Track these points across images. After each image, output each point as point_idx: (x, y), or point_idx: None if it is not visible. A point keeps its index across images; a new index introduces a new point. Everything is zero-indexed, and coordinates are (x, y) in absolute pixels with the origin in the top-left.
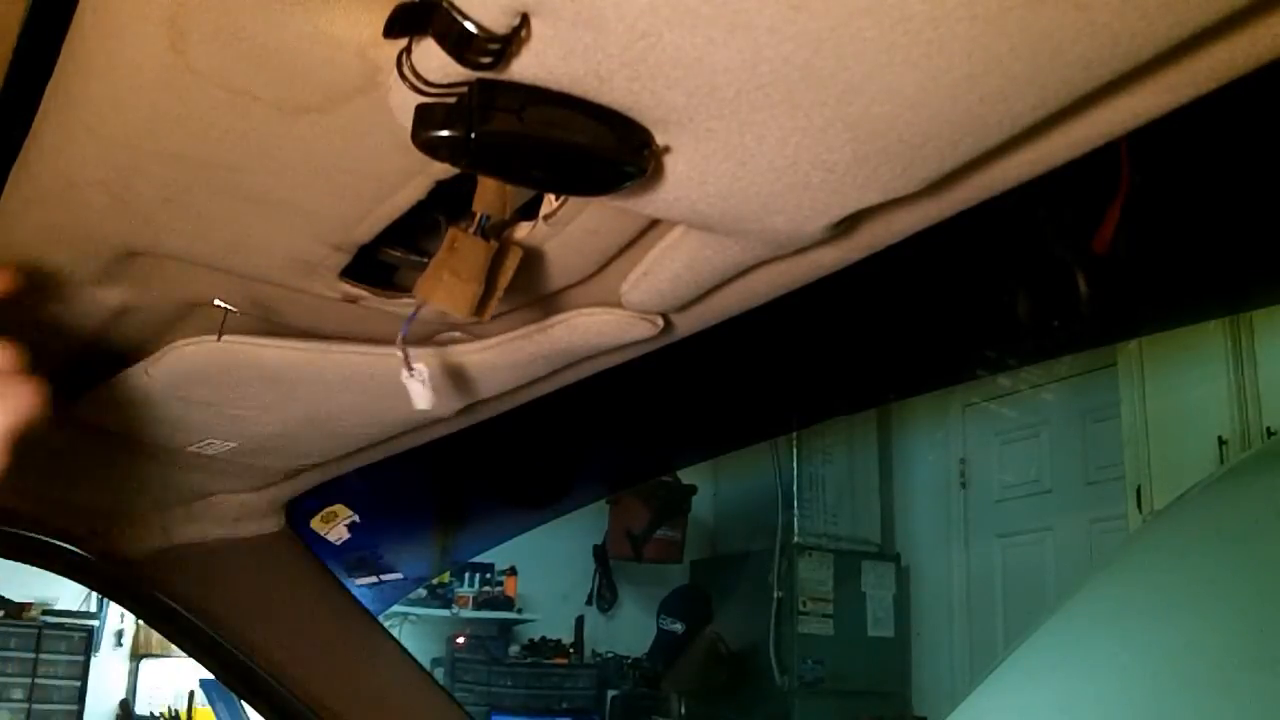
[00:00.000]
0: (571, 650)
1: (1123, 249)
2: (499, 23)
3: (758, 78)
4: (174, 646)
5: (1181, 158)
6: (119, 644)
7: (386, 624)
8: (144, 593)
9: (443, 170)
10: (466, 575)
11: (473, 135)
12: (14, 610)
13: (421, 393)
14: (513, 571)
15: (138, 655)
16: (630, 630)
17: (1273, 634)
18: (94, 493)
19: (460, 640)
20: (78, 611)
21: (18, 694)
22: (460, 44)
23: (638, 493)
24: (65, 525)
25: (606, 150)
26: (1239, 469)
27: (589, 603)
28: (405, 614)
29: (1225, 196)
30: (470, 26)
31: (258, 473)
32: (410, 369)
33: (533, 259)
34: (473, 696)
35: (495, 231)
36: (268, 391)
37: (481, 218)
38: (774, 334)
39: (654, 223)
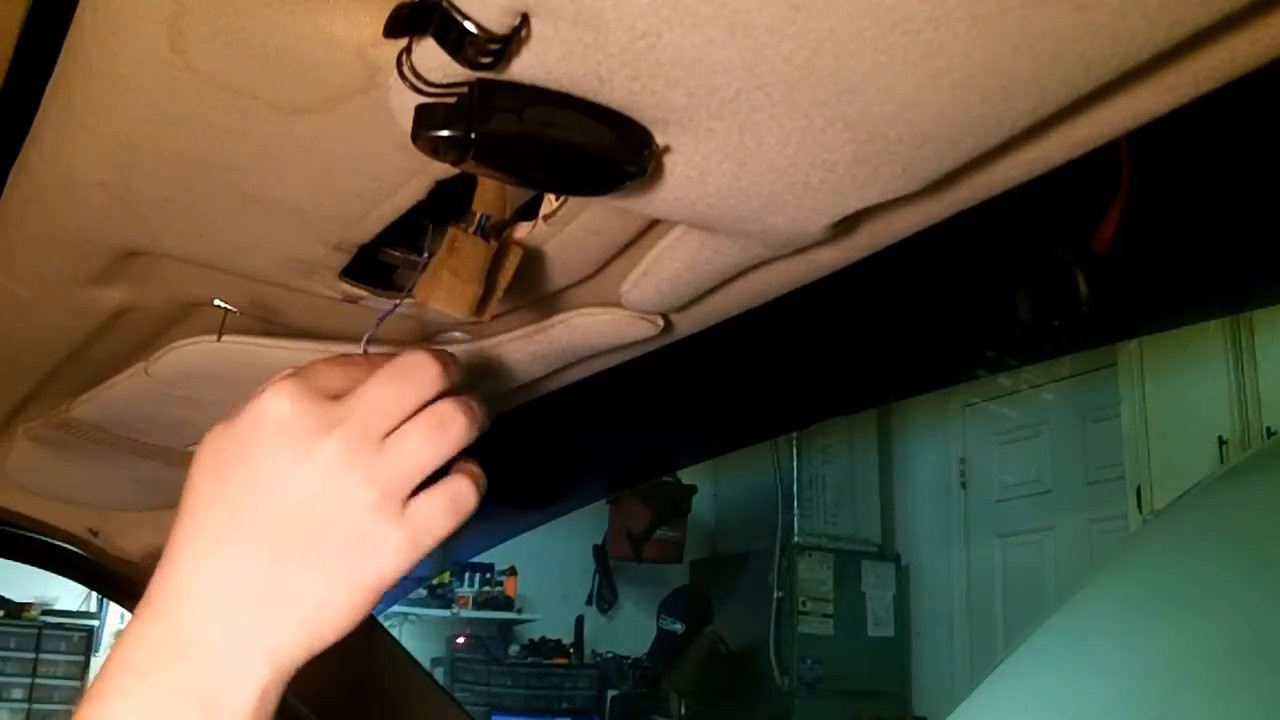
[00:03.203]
0: (571, 650)
1: (1123, 249)
2: (499, 23)
3: (758, 78)
4: None
5: (1181, 158)
6: None
7: (386, 624)
8: (144, 593)
9: (443, 170)
10: (466, 575)
11: (473, 135)
12: (14, 610)
13: None
14: (513, 571)
15: None
16: (630, 630)
17: (1273, 634)
18: (94, 493)
19: (460, 640)
20: (78, 611)
21: (18, 694)
22: (460, 44)
23: (638, 493)
24: (65, 525)
25: (606, 150)
26: (1239, 469)
27: (589, 603)
28: (405, 614)
29: (1225, 196)
30: (470, 26)
31: None
32: None
33: (533, 259)
34: (473, 696)
35: (495, 231)
36: None
37: (481, 218)
38: (774, 334)
39: (654, 223)
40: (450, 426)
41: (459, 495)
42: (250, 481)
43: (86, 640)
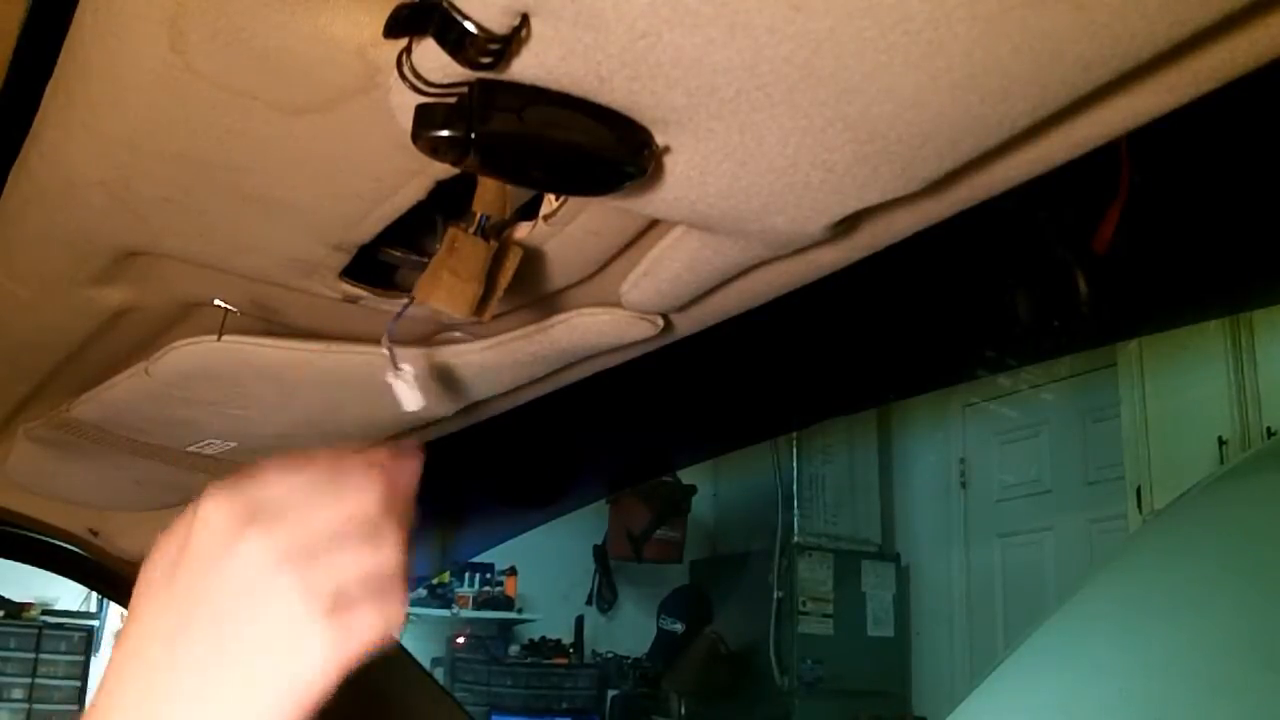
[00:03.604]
0: (571, 650)
1: (1123, 249)
2: (499, 23)
3: (758, 78)
4: None
5: (1181, 158)
6: None
7: None
8: None
9: (443, 170)
10: (466, 575)
11: (473, 135)
12: (14, 610)
13: (408, 394)
14: (513, 571)
15: None
16: (630, 630)
17: (1273, 634)
18: (94, 493)
19: (460, 640)
20: (78, 611)
21: (18, 694)
22: (460, 44)
23: (638, 493)
24: (65, 525)
25: (606, 150)
26: (1239, 469)
27: (589, 603)
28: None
29: (1225, 196)
30: (470, 26)
31: None
32: (397, 369)
33: (533, 259)
34: (473, 696)
35: (495, 231)
36: (268, 391)
37: (481, 218)
38: (774, 334)
39: (654, 223)
40: (382, 546)
41: (391, 615)
42: (173, 585)
43: (86, 640)
